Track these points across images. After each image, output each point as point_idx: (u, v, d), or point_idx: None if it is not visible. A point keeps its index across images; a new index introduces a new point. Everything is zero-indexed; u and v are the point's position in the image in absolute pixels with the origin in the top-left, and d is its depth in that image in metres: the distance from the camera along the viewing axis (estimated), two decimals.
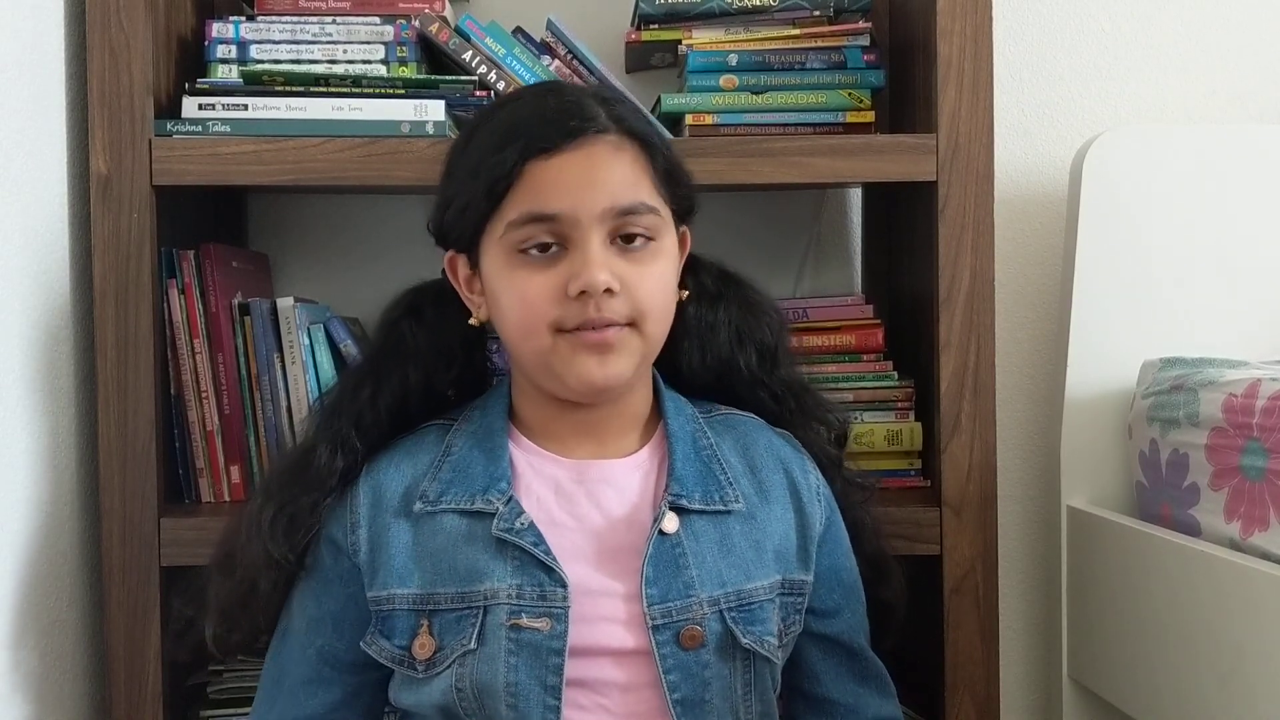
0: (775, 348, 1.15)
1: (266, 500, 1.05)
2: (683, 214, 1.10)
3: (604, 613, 0.99)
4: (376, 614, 1.02)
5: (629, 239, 1.01)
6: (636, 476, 1.05)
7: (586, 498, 1.04)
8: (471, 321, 1.09)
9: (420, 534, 1.02)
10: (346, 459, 1.06)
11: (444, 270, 1.10)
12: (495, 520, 1.00)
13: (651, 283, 1.02)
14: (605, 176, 1.01)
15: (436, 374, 1.10)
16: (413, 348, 1.09)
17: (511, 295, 1.01)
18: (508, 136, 1.01)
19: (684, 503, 1.02)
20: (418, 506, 1.03)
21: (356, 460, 1.06)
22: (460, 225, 1.05)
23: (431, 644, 0.99)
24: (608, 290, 0.98)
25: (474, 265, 1.06)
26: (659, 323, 1.04)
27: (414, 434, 1.09)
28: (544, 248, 1.00)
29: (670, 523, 1.01)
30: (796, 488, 1.08)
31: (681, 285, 1.10)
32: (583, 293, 0.98)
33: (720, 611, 1.00)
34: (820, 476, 1.11)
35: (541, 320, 1.00)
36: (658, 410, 1.09)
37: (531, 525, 1.00)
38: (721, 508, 1.04)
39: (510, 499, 1.02)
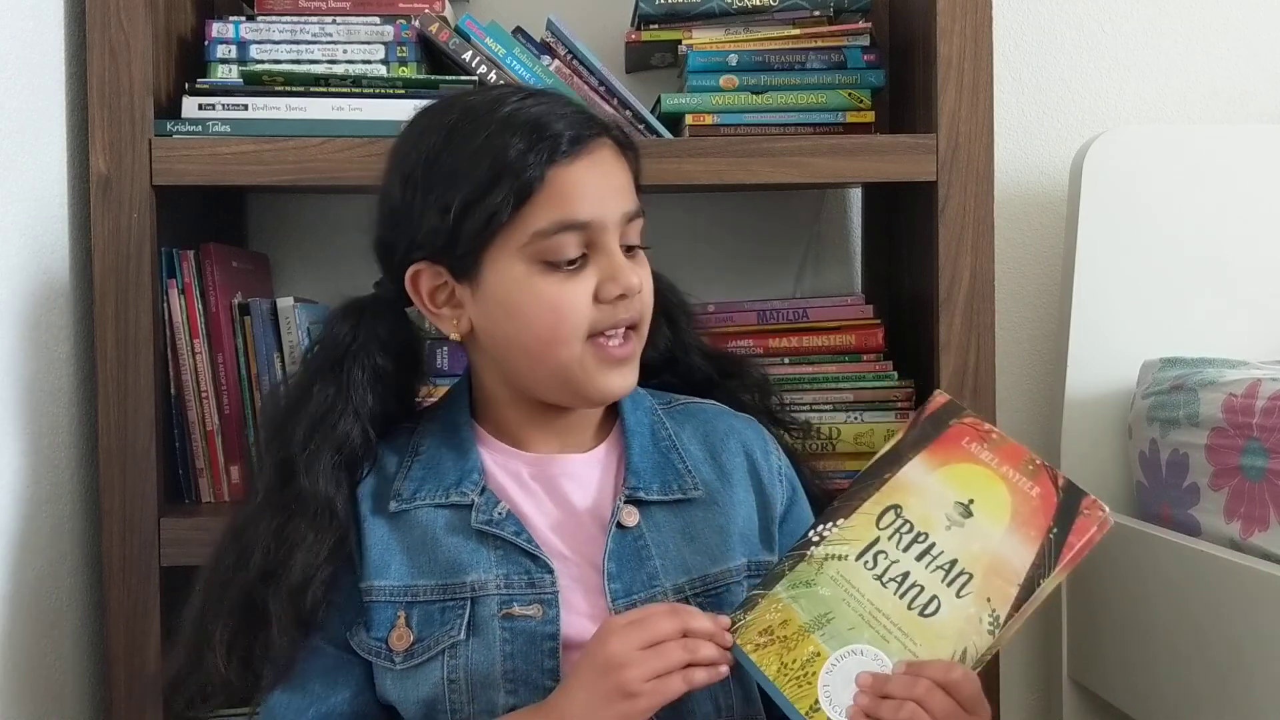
0: (692, 318, 1.18)
1: (305, 443, 1.02)
2: None
3: (575, 606, 1.00)
4: (362, 605, 1.02)
5: (630, 247, 1.03)
6: (596, 471, 1.06)
7: (547, 493, 1.04)
8: (453, 337, 1.05)
9: (396, 529, 1.02)
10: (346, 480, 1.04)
11: (379, 282, 1.08)
12: (474, 512, 1.01)
13: (648, 285, 1.05)
14: (617, 182, 1.02)
15: (405, 395, 1.10)
16: (381, 370, 1.06)
17: (539, 305, 0.99)
18: (528, 140, 0.98)
19: (641, 495, 1.03)
20: (392, 505, 1.03)
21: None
22: (460, 229, 0.98)
23: (409, 636, 0.99)
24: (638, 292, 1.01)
25: (459, 276, 1.02)
26: (649, 324, 1.06)
27: (381, 438, 1.07)
28: (572, 260, 0.99)
29: (629, 516, 1.02)
30: (757, 469, 1.09)
31: None
32: (621, 296, 1.00)
33: (686, 599, 1.00)
34: (782, 457, 1.12)
35: (578, 328, 1.00)
36: (615, 406, 1.10)
37: (510, 515, 1.01)
38: (681, 496, 1.04)
39: (484, 489, 1.03)
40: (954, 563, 0.93)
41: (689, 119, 1.35)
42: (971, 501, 0.95)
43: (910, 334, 1.42)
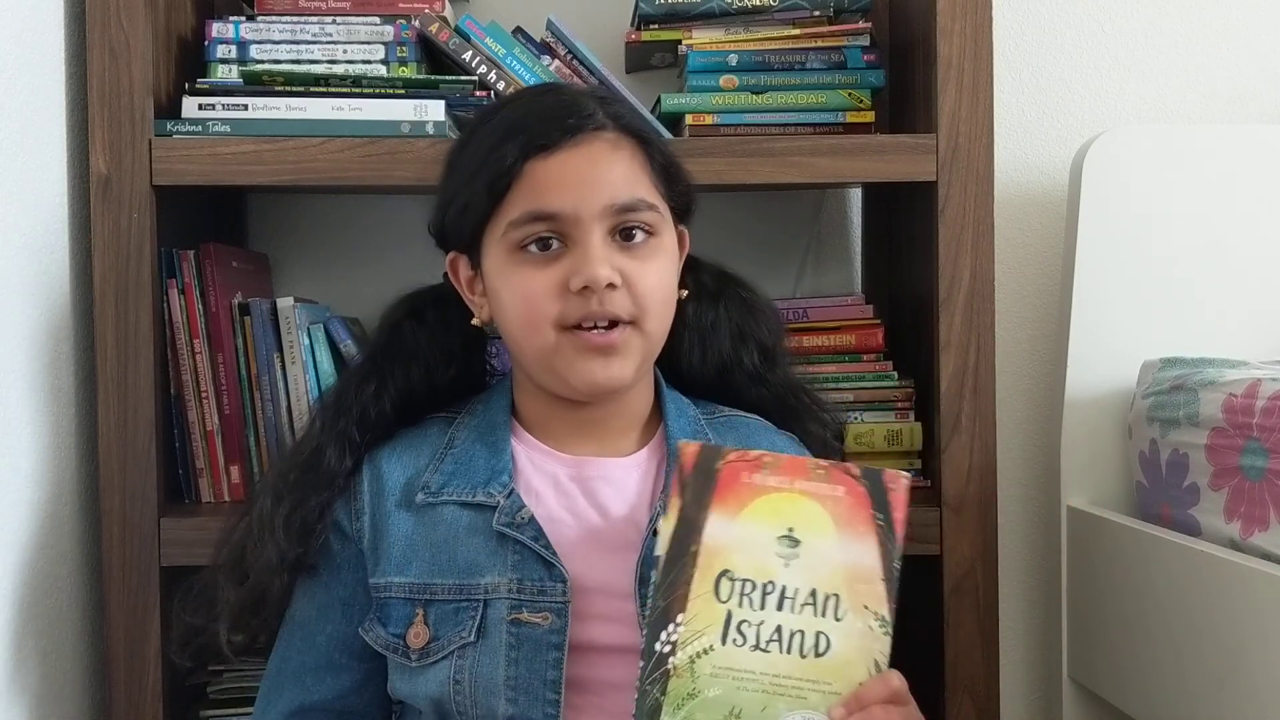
0: (774, 347, 1.15)
1: (277, 502, 1.05)
2: (681, 212, 1.10)
3: (599, 611, 0.99)
4: (376, 601, 1.03)
5: (629, 235, 1.02)
6: (635, 476, 1.05)
7: (584, 495, 1.04)
8: (474, 322, 1.09)
9: (421, 525, 1.03)
10: (354, 457, 1.06)
11: (445, 273, 1.10)
12: (496, 514, 1.01)
13: (652, 278, 1.02)
14: (605, 174, 1.01)
15: (437, 373, 1.10)
16: (413, 347, 1.09)
17: (513, 293, 1.02)
18: (507, 135, 1.02)
19: None
20: (419, 498, 1.03)
21: (361, 457, 1.07)
22: (461, 225, 1.05)
23: (426, 633, 0.99)
24: (610, 285, 0.99)
25: (475, 265, 1.07)
26: (659, 319, 1.04)
27: (417, 426, 1.09)
28: (544, 244, 1.00)
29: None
30: None
31: (681, 284, 1.11)
32: (585, 288, 0.99)
33: None
34: None
35: (544, 317, 1.00)
36: (658, 411, 1.10)
37: (532, 519, 1.01)
38: None
39: (511, 492, 1.02)
40: (814, 593, 0.91)
41: (689, 119, 1.35)
42: (791, 530, 0.92)
43: (910, 334, 1.42)
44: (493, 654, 0.97)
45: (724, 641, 0.90)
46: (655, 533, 1.00)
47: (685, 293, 1.11)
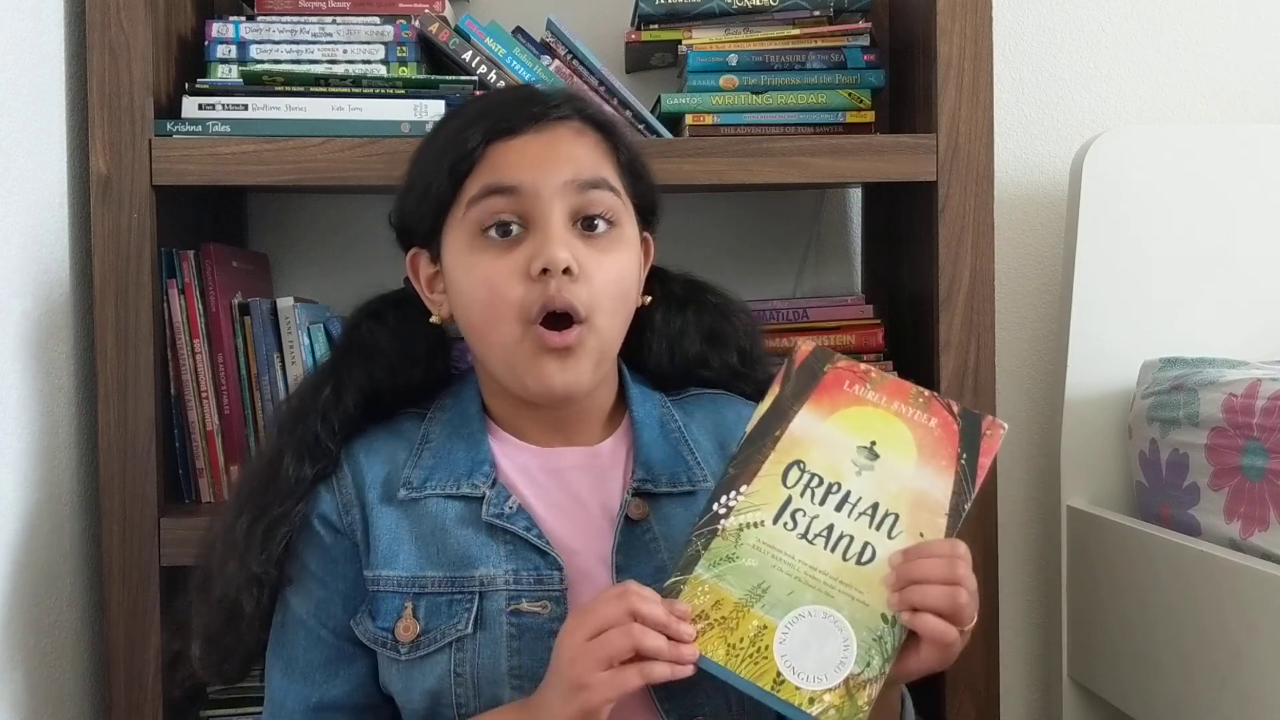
0: (751, 350, 1.15)
1: (238, 515, 1.04)
2: (645, 215, 1.09)
3: (580, 602, 0.99)
4: (368, 593, 1.02)
5: (590, 225, 1.01)
6: (604, 464, 1.06)
7: (557, 486, 1.04)
8: (433, 320, 1.08)
9: (407, 518, 1.02)
10: (316, 463, 1.05)
11: (406, 278, 1.09)
12: (485, 505, 1.01)
13: (610, 270, 1.01)
14: (567, 153, 1.02)
15: (402, 372, 1.09)
16: (373, 346, 1.08)
17: (474, 279, 1.00)
18: (472, 121, 1.03)
19: (650, 487, 1.03)
20: (402, 493, 1.03)
21: (329, 461, 1.05)
22: (421, 210, 1.04)
23: (415, 626, 0.99)
24: (567, 271, 0.98)
25: (436, 259, 1.06)
26: (612, 315, 1.02)
27: (389, 422, 1.09)
28: (504, 229, 1.00)
29: (637, 509, 1.02)
30: None
31: (648, 292, 1.11)
32: (545, 271, 0.97)
33: None
34: None
35: (507, 304, 0.98)
36: (623, 401, 1.09)
37: (521, 509, 1.01)
38: (689, 488, 1.04)
39: (495, 482, 1.02)
40: (875, 506, 0.93)
41: (689, 119, 1.36)
42: (874, 443, 0.95)
43: (910, 334, 1.42)
44: (494, 645, 0.97)
45: (775, 522, 0.93)
46: (627, 518, 1.01)
47: (649, 299, 1.10)
